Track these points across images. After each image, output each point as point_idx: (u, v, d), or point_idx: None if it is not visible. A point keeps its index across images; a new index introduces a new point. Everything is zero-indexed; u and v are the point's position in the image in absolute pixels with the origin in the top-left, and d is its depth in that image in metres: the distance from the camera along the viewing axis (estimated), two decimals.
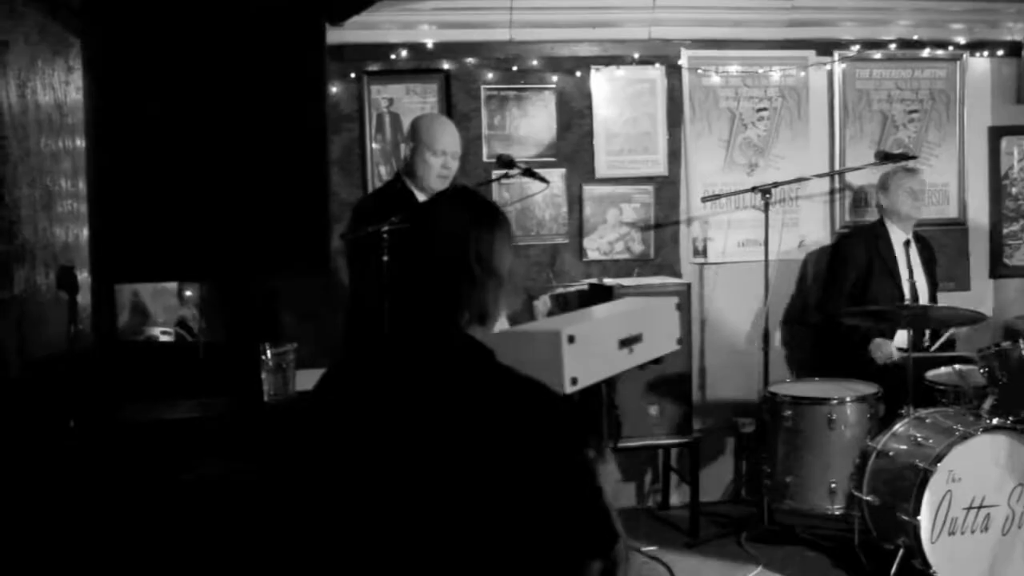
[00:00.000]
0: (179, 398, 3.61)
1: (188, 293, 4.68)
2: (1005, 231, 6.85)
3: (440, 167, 4.78)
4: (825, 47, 6.49)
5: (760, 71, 6.42)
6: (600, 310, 4.61)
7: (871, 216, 6.41)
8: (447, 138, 4.81)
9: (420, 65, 6.02)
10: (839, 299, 6.02)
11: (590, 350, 3.74)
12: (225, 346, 4.04)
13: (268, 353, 3.78)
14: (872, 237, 6.10)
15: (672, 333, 4.49)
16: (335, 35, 5.57)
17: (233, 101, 3.54)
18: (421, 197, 4.79)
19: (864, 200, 6.55)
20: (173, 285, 4.65)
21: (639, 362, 4.16)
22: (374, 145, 5.97)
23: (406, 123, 5.79)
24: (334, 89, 5.82)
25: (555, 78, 6.18)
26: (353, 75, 5.92)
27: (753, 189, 6.05)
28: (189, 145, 3.51)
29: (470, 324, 2.10)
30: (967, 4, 6.49)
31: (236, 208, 3.51)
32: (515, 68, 6.11)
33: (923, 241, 6.24)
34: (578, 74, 6.20)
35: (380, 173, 5.95)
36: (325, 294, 5.41)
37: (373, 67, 5.96)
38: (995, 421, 4.84)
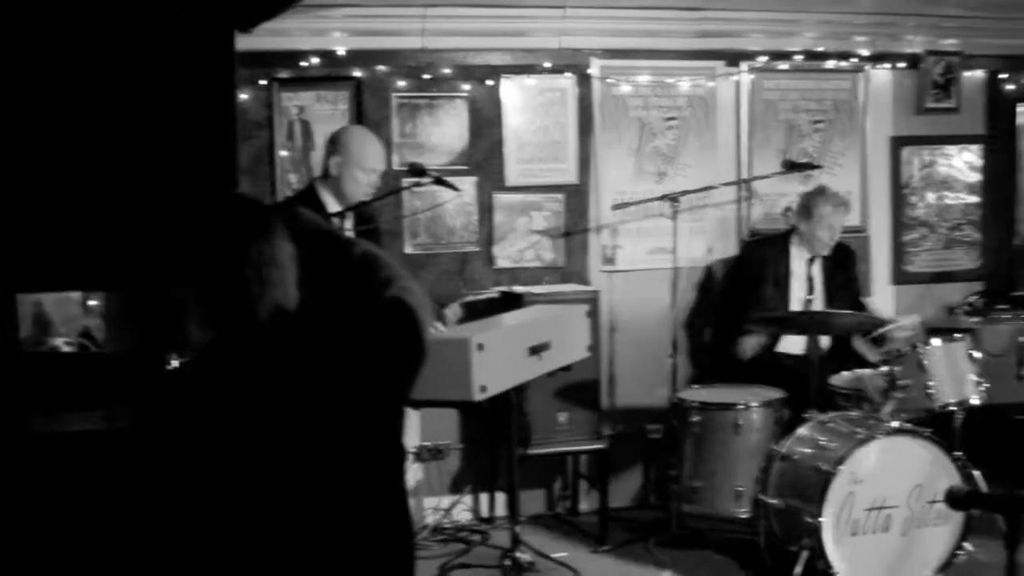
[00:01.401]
0: (83, 410, 3.58)
1: (93, 303, 4.63)
2: (905, 238, 7.05)
3: (367, 184, 4.87)
4: (733, 58, 6.63)
5: (669, 81, 6.53)
6: (510, 318, 4.67)
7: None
8: (376, 156, 4.94)
9: (331, 72, 6.02)
10: (736, 303, 6.13)
11: (500, 357, 3.79)
12: (131, 357, 4.02)
13: (174, 363, 3.76)
14: (776, 249, 6.20)
15: (582, 340, 4.56)
16: (245, 42, 5.54)
17: (140, 107, 3.53)
18: (333, 207, 4.81)
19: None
20: (77, 295, 4.60)
21: (549, 369, 4.23)
22: (283, 153, 5.95)
23: (316, 131, 5.84)
24: (243, 96, 5.79)
25: (467, 86, 6.22)
26: (263, 82, 5.89)
27: (662, 197, 6.16)
28: (94, 152, 3.49)
29: (268, 316, 2.27)
30: (869, 17, 6.67)
31: (142, 216, 3.49)
32: (427, 76, 6.15)
33: (842, 250, 6.29)
34: (489, 83, 6.25)
35: (289, 181, 5.94)
36: None
37: (283, 74, 5.94)
38: (895, 424, 5.00)
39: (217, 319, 2.28)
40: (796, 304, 6.01)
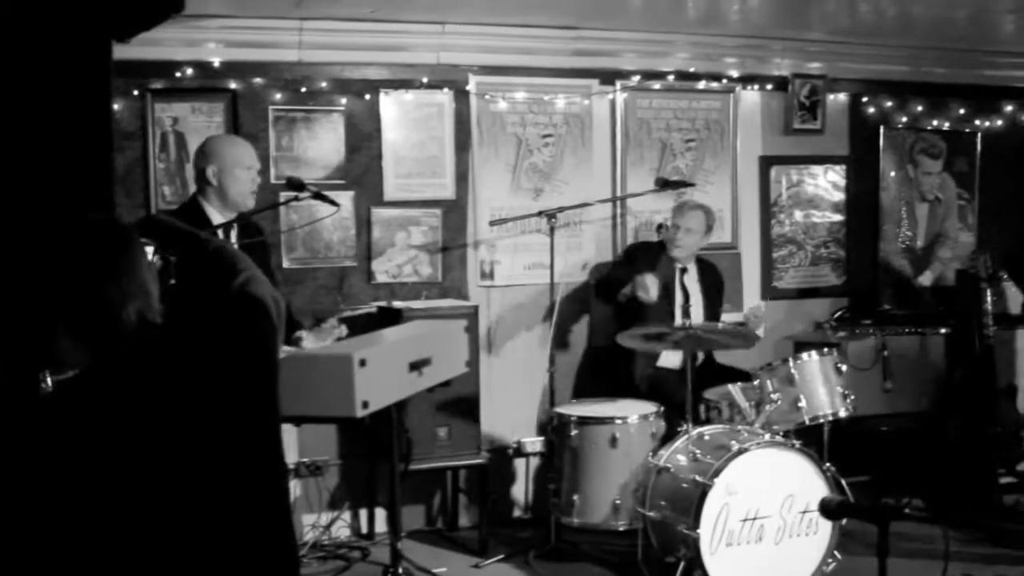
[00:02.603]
0: None
1: None
2: (775, 255, 7.23)
3: (251, 182, 4.80)
4: (608, 76, 6.72)
5: (546, 98, 6.59)
6: (390, 333, 4.65)
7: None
8: (251, 154, 4.86)
9: (206, 84, 5.92)
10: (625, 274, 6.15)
11: (381, 373, 3.77)
12: (1, 374, 3.87)
13: (48, 380, 3.64)
14: (657, 254, 6.28)
15: (460, 355, 4.56)
16: (118, 51, 5.36)
17: (9, 117, 3.41)
18: (218, 219, 4.71)
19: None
20: None
21: (429, 384, 4.23)
22: (159, 164, 5.83)
23: (191, 142, 5.72)
24: (116, 106, 5.64)
25: (344, 100, 6.18)
26: (136, 92, 5.77)
27: (539, 214, 6.20)
28: None
29: (133, 327, 2.27)
30: (739, 40, 6.83)
31: (9, 230, 3.37)
32: (304, 89, 6.09)
33: (706, 266, 6.42)
34: (367, 97, 6.22)
35: (164, 193, 5.82)
36: None
37: (157, 84, 5.83)
38: (767, 436, 5.12)
39: (82, 332, 2.24)
40: (677, 310, 6.07)
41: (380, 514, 6.18)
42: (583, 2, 5.90)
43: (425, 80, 6.31)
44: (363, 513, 6.27)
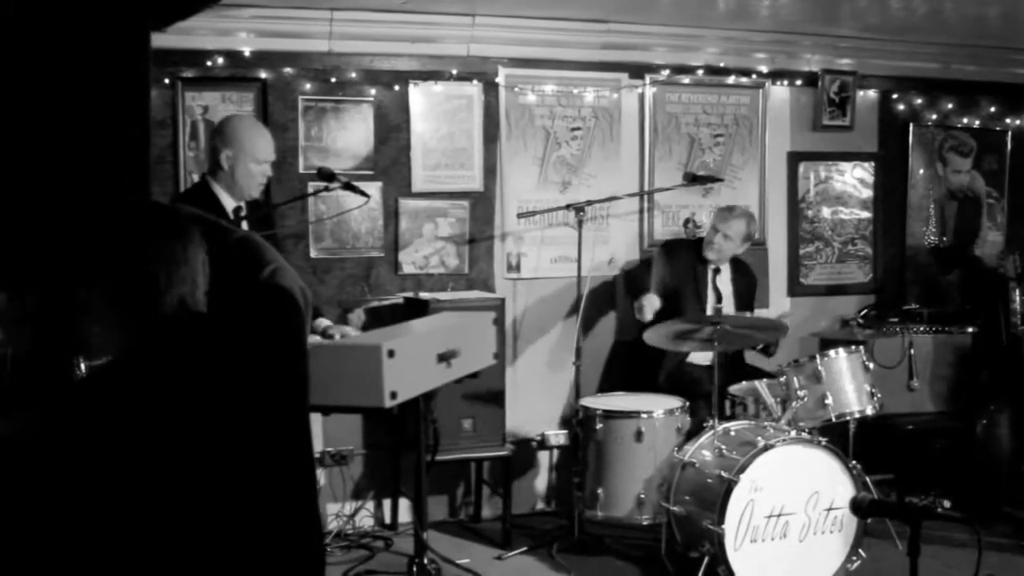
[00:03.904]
0: None
1: None
2: (801, 252, 7.19)
3: (261, 175, 4.73)
4: (637, 70, 6.69)
5: (575, 91, 6.57)
6: (418, 324, 4.64)
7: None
8: (268, 146, 4.76)
9: (236, 73, 5.93)
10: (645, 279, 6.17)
11: (410, 364, 3.76)
12: (33, 359, 3.88)
13: (82, 366, 3.65)
14: (692, 253, 6.28)
15: (488, 348, 4.55)
16: (152, 39, 5.42)
17: (50, 105, 3.40)
18: (230, 203, 4.69)
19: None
20: None
21: (456, 376, 4.21)
22: (188, 153, 5.84)
23: None
24: None
25: (373, 91, 6.18)
26: (167, 81, 5.78)
27: (567, 207, 6.18)
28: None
29: (173, 311, 2.27)
30: (769, 35, 6.79)
31: (48, 215, 3.37)
32: (333, 80, 6.09)
33: (741, 267, 6.41)
34: (396, 88, 6.22)
35: (194, 181, 5.82)
36: None
37: (188, 73, 5.83)
38: (793, 433, 5.09)
39: (123, 314, 2.24)
40: (709, 311, 6.06)
41: (403, 504, 6.19)
42: None
43: (454, 72, 6.30)
44: (387, 503, 6.28)
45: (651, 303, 5.87)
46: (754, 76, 6.94)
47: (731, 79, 6.90)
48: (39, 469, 2.25)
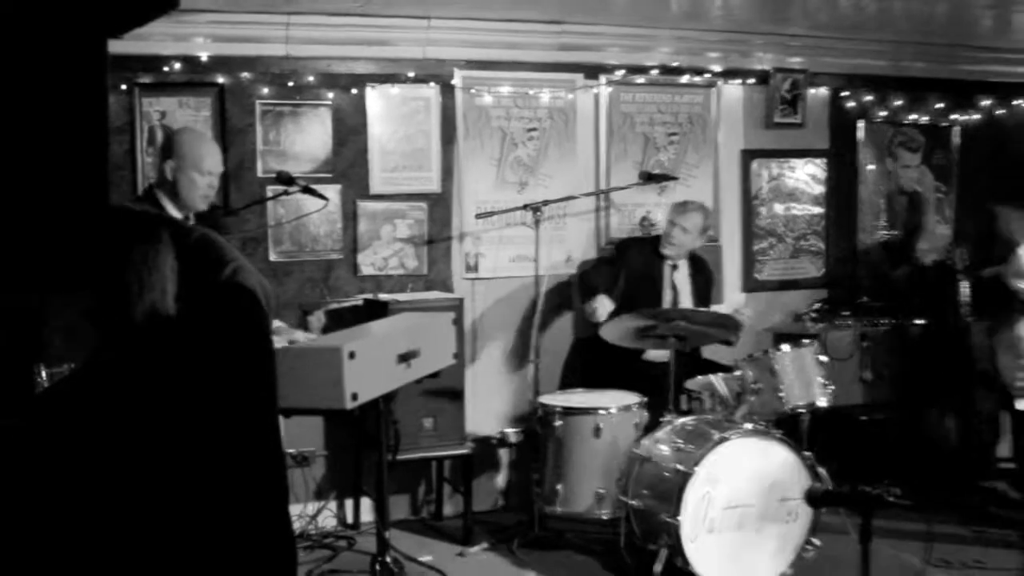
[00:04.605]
0: None
1: None
2: (755, 247, 7.29)
3: (206, 187, 4.61)
4: (592, 71, 6.75)
5: (530, 92, 6.62)
6: (378, 326, 4.69)
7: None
8: (213, 158, 4.68)
9: (194, 78, 5.92)
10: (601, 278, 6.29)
11: (370, 366, 3.81)
12: None
13: (43, 374, 3.68)
14: (648, 250, 6.37)
15: (448, 347, 4.62)
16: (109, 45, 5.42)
17: (11, 112, 3.42)
18: (176, 215, 4.65)
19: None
20: None
21: (417, 376, 4.27)
22: (147, 158, 5.84)
23: None
24: None
25: (331, 94, 6.20)
26: (124, 87, 5.75)
27: (524, 207, 6.24)
28: None
29: (143, 318, 2.26)
30: (721, 35, 6.87)
31: (6, 221, 3.39)
32: (291, 84, 6.10)
33: (698, 263, 6.50)
34: (354, 91, 6.24)
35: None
36: None
37: (145, 79, 5.82)
38: (749, 426, 5.18)
39: (95, 318, 2.27)
40: (666, 307, 6.14)
41: (366, 504, 6.22)
42: None
43: (411, 74, 6.34)
44: (349, 503, 6.31)
45: (603, 305, 5.96)
46: (707, 75, 7.02)
47: (684, 78, 6.98)
48: (10, 474, 2.28)
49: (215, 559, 2.32)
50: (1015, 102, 7.80)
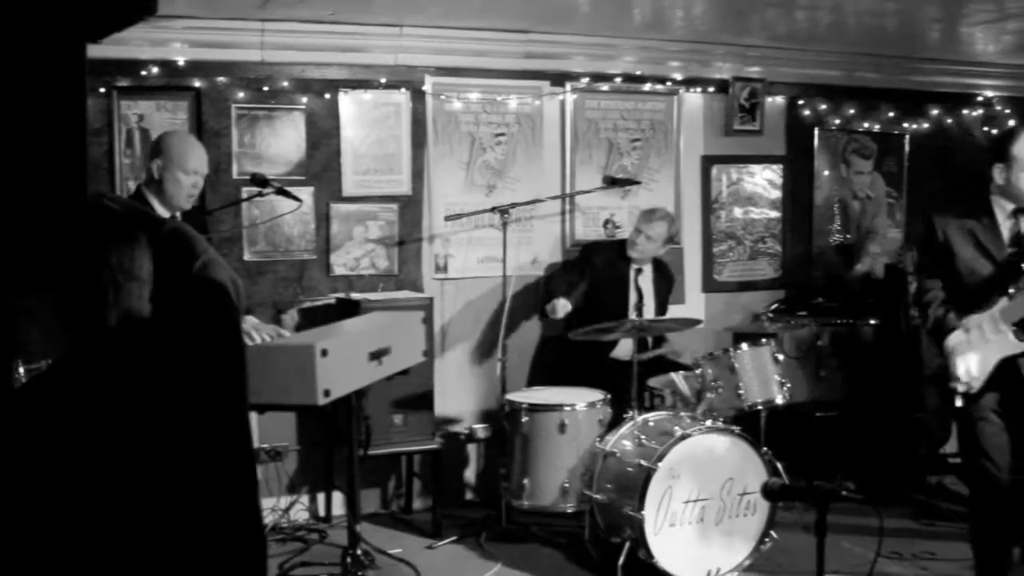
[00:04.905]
0: None
1: None
2: (715, 250, 7.34)
3: (191, 186, 4.65)
4: (558, 78, 6.78)
5: (498, 99, 6.64)
6: (350, 324, 4.68)
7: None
8: (198, 158, 4.70)
9: (171, 82, 5.91)
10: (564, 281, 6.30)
11: (342, 363, 3.81)
12: None
13: (21, 370, 3.65)
14: (613, 254, 6.39)
15: (418, 345, 4.61)
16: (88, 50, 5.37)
17: None
18: (164, 213, 4.66)
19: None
20: None
21: (388, 373, 4.27)
22: (124, 160, 5.81)
23: None
24: None
25: (305, 99, 6.19)
26: (103, 90, 5.73)
27: (492, 209, 6.27)
28: None
29: (117, 322, 2.25)
30: (683, 44, 6.92)
31: None
32: (266, 88, 6.09)
33: (661, 267, 6.52)
34: (327, 96, 6.24)
35: (130, 188, 5.78)
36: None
37: (123, 83, 5.79)
38: (709, 422, 5.21)
39: (68, 323, 2.25)
40: (631, 310, 6.16)
41: (337, 498, 6.21)
42: (535, 7, 5.96)
43: (383, 80, 6.34)
44: (320, 497, 6.30)
45: (563, 306, 5.96)
46: (669, 83, 7.06)
47: (647, 86, 7.01)
48: None
49: (186, 551, 2.30)
50: (962, 111, 7.89)
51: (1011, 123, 7.65)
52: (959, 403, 4.48)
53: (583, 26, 6.49)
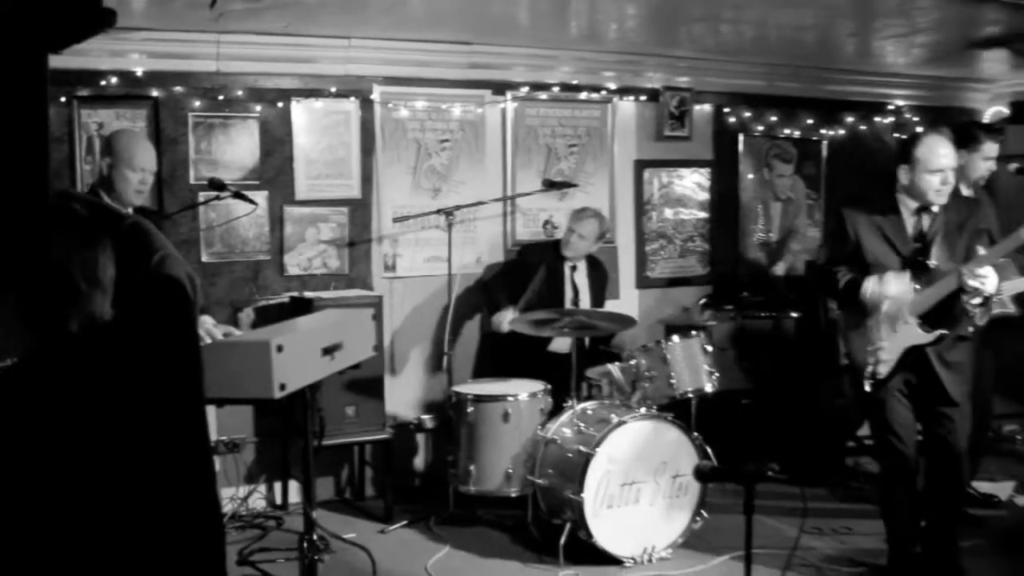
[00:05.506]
0: None
1: None
2: (647, 248, 7.39)
3: (138, 183, 4.56)
4: (499, 88, 6.79)
5: (443, 107, 6.63)
6: (304, 321, 4.65)
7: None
8: (145, 155, 4.61)
9: (130, 92, 5.84)
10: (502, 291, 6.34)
11: (297, 358, 3.78)
12: None
13: None
14: (550, 253, 6.42)
15: (368, 341, 4.59)
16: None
17: None
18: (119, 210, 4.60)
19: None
20: None
21: (340, 367, 4.24)
22: (85, 167, 5.73)
23: None
24: None
25: (259, 108, 6.15)
26: (64, 99, 5.66)
27: (438, 211, 6.28)
28: None
29: (79, 327, 2.22)
30: (616, 56, 6.96)
31: None
32: (221, 97, 6.04)
33: (595, 263, 6.55)
34: (280, 105, 6.20)
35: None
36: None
37: (84, 92, 5.72)
38: (643, 410, 5.25)
39: (30, 325, 2.21)
40: (567, 304, 6.19)
41: (293, 486, 6.19)
42: (477, 20, 5.96)
43: (333, 90, 6.31)
44: (277, 486, 6.27)
45: (508, 321, 5.98)
46: (603, 92, 7.10)
47: (583, 95, 7.05)
48: None
49: (146, 540, 2.27)
50: (874, 119, 8.01)
51: (918, 129, 7.77)
52: (868, 388, 4.59)
53: (523, 38, 6.52)
